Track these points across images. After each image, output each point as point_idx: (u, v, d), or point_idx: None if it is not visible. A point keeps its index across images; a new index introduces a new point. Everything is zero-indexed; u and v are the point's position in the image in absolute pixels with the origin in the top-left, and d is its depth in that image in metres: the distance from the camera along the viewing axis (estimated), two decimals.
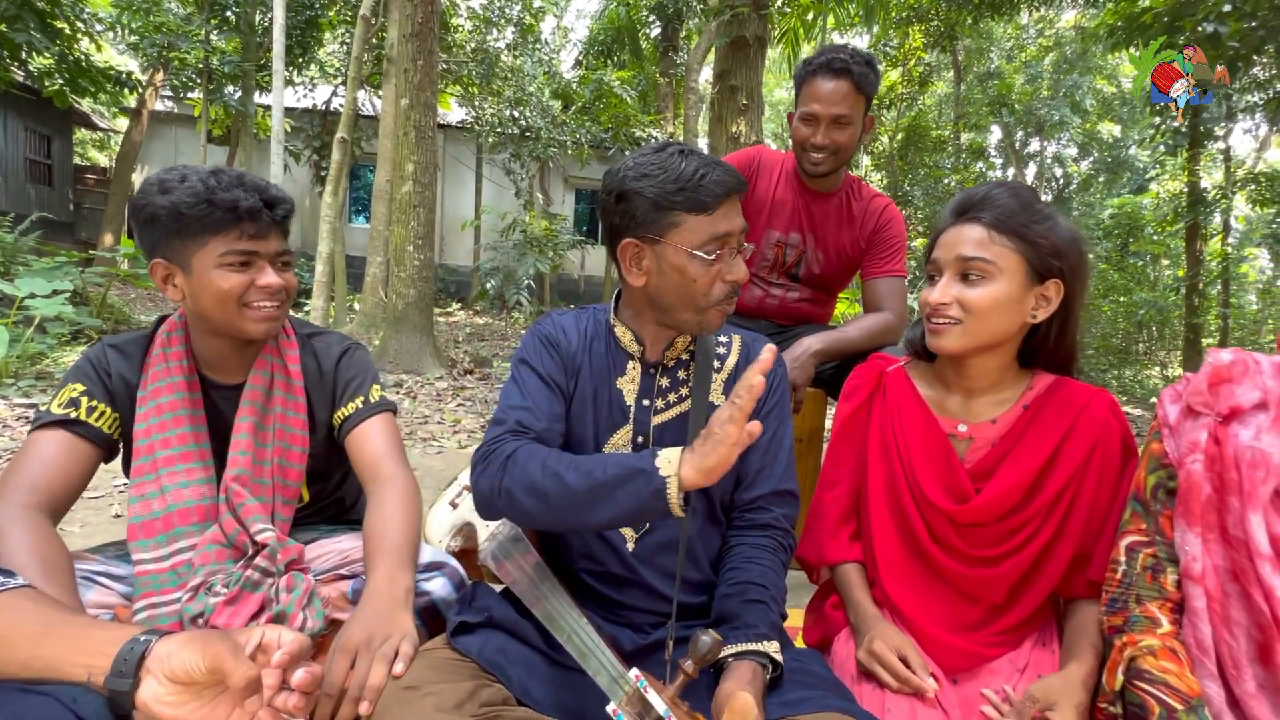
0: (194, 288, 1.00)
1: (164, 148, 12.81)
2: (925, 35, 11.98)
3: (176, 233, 0.98)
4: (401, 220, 5.69)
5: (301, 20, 9.93)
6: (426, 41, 5.50)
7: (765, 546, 0.98)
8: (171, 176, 0.99)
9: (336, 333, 1.22)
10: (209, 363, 1.10)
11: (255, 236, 0.99)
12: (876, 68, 1.58)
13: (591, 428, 1.00)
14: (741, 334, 1.09)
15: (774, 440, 1.02)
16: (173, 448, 1.03)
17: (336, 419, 1.14)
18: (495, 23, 10.79)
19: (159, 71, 11.35)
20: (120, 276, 6.26)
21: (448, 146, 12.03)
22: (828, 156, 1.60)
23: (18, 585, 0.67)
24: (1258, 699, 0.74)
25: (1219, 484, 0.78)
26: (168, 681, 0.59)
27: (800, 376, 1.57)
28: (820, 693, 0.83)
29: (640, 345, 1.02)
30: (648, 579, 0.97)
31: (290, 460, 1.10)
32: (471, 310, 11.26)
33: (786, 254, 1.75)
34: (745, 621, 0.88)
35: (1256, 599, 0.74)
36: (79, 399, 1.02)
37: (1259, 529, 0.74)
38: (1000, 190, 0.97)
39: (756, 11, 4.51)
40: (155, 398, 1.04)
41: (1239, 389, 0.80)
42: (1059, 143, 18.61)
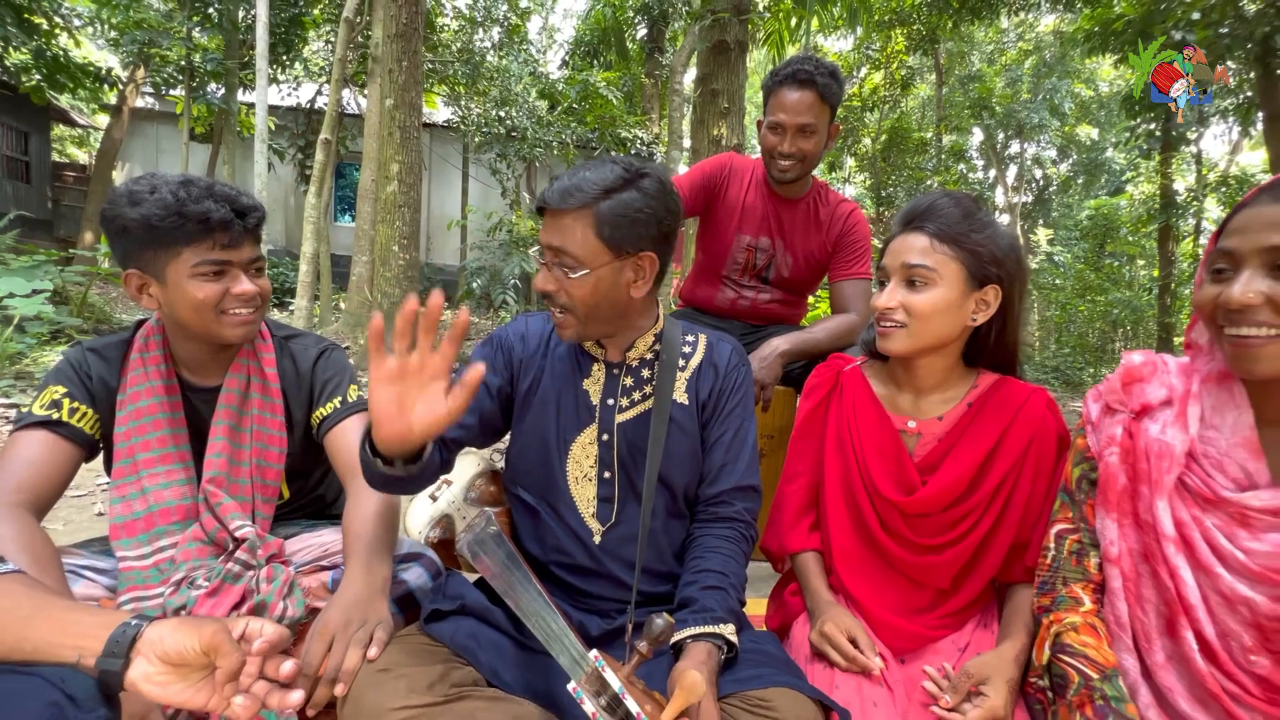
0: (170, 297, 1.03)
1: (145, 145, 12.64)
2: (907, 39, 12.15)
3: (149, 244, 1.00)
4: (387, 220, 5.70)
5: (285, 18, 9.86)
6: (411, 42, 5.51)
7: (728, 538, 1.04)
8: (141, 188, 1.00)
9: (314, 334, 1.26)
10: (187, 365, 1.12)
11: (228, 246, 1.02)
12: (840, 79, 1.65)
13: (555, 427, 1.05)
14: (707, 334, 1.14)
15: (736, 438, 1.08)
16: (152, 450, 1.06)
17: (315, 418, 1.17)
18: (481, 23, 10.78)
19: (140, 68, 11.21)
20: (101, 275, 6.20)
21: (434, 146, 12.00)
22: (794, 164, 1.67)
23: (8, 570, 0.71)
24: (1166, 669, 0.81)
25: (1132, 474, 0.85)
26: (159, 662, 0.63)
27: (769, 375, 1.63)
28: (772, 670, 0.89)
29: (602, 348, 1.07)
30: (612, 569, 1.03)
31: (268, 460, 1.13)
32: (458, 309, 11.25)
33: (757, 258, 1.81)
34: (703, 606, 0.93)
35: (1163, 577, 0.81)
36: (61, 400, 1.04)
37: (1165, 514, 0.81)
38: (945, 200, 1.03)
39: (737, 17, 4.57)
40: (134, 401, 1.07)
41: (1149, 387, 0.87)
42: (1039, 145, 18.91)
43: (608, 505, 1.04)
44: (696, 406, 1.07)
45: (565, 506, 1.04)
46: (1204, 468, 0.80)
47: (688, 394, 1.07)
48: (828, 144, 1.69)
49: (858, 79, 15.04)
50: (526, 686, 0.91)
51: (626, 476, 1.04)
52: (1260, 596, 0.74)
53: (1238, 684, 0.76)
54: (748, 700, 0.83)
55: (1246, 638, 0.76)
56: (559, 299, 0.97)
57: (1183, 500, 0.81)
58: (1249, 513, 0.76)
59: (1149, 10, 6.47)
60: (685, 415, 1.06)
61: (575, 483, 1.04)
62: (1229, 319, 0.76)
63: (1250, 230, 0.74)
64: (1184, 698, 0.79)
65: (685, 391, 1.07)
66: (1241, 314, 0.74)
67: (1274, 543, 0.74)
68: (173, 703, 0.64)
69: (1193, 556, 0.79)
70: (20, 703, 0.61)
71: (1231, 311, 0.75)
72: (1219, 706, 0.77)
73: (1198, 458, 0.81)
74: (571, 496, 1.04)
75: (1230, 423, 0.81)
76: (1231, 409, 0.81)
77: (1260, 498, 0.75)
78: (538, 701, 0.88)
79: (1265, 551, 0.74)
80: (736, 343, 1.15)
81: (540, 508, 1.06)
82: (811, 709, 0.83)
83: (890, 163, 15.09)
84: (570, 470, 1.05)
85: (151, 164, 12.70)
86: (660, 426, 1.02)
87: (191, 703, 0.64)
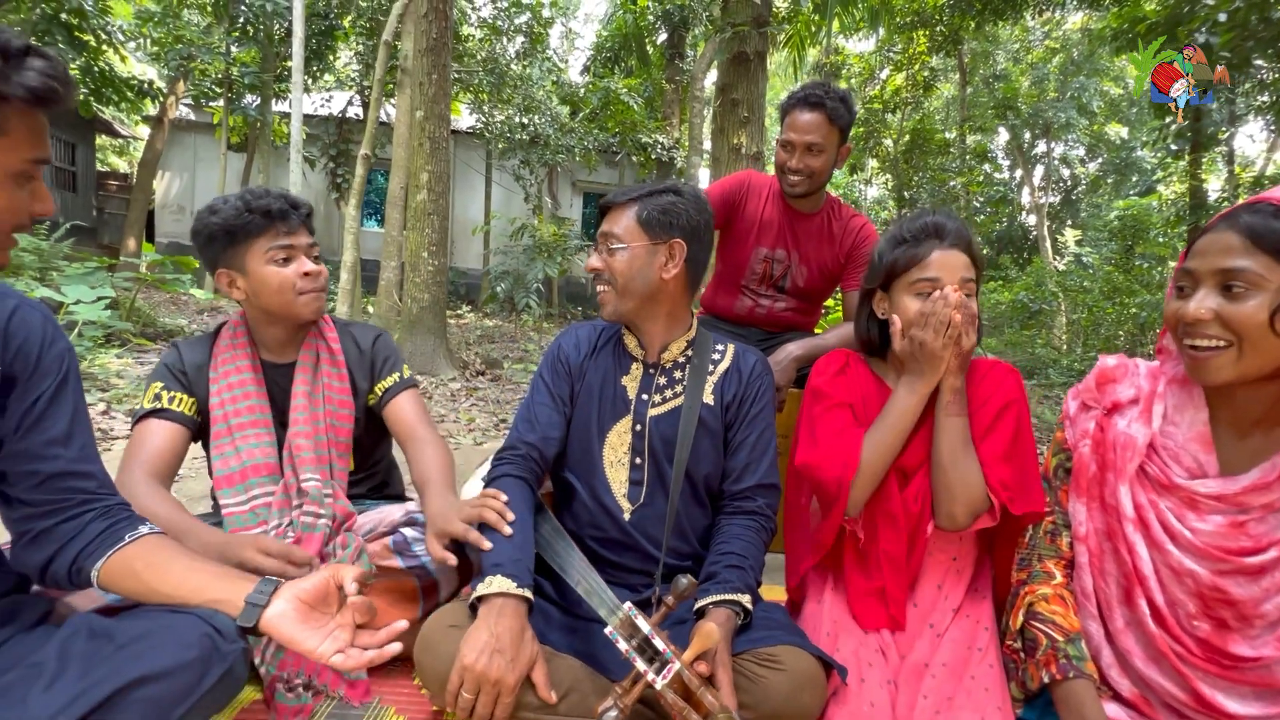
0: (253, 285, 1.26)
1: (184, 154, 13.12)
2: (930, 40, 12.10)
3: (229, 244, 1.24)
4: (416, 227, 5.91)
5: (318, 30, 10.22)
6: (440, 56, 5.73)
7: (749, 527, 1.17)
8: (215, 202, 1.25)
9: (365, 323, 1.48)
10: (267, 347, 1.35)
11: (289, 233, 1.26)
12: (851, 105, 1.78)
13: (596, 415, 1.20)
14: (735, 344, 1.28)
15: (760, 440, 1.22)
16: (243, 415, 1.28)
17: (379, 389, 1.39)
18: (505, 32, 11.03)
19: (180, 81, 11.67)
20: (148, 282, 6.52)
21: (458, 152, 12.27)
22: (803, 179, 1.80)
23: (152, 531, 0.88)
24: (1125, 633, 0.93)
25: (1101, 463, 0.97)
26: (295, 600, 0.79)
27: (782, 378, 1.76)
28: (780, 632, 1.02)
29: (643, 349, 1.22)
30: (640, 543, 1.17)
31: (340, 420, 1.35)
32: (482, 313, 11.49)
33: (773, 268, 1.95)
34: (724, 579, 1.07)
35: (1123, 553, 0.92)
36: (160, 393, 1.27)
37: (1126, 497, 0.92)
38: (948, 220, 1.14)
39: (757, 29, 4.69)
40: (225, 376, 1.29)
41: (1120, 387, 0.98)
42: (1066, 144, 18.63)
43: (637, 488, 1.19)
44: (721, 407, 1.21)
45: (601, 486, 1.19)
46: (1163, 458, 0.92)
47: (714, 395, 1.21)
48: (837, 164, 1.81)
49: (879, 81, 15.03)
50: (570, 647, 1.06)
51: (655, 464, 1.19)
52: (1202, 569, 0.86)
53: (1183, 645, 0.87)
54: (758, 655, 0.97)
55: (1191, 605, 0.87)
56: (604, 275, 1.17)
57: (1142, 486, 0.92)
58: (1197, 497, 0.87)
59: (1173, 12, 6.43)
60: (710, 415, 1.20)
61: (610, 466, 1.19)
62: (1185, 331, 0.86)
63: (1207, 254, 0.84)
64: (1140, 658, 0.91)
65: (712, 393, 1.22)
66: (1194, 326, 0.84)
67: (1215, 524, 0.86)
68: (293, 642, 0.79)
69: (1148, 534, 0.90)
70: (180, 633, 0.77)
71: (1187, 324, 0.85)
72: (1169, 665, 0.88)
73: (1158, 449, 0.93)
74: (606, 478, 1.19)
75: (1188, 420, 0.92)
76: (1190, 408, 0.92)
77: (1207, 485, 0.87)
78: (580, 659, 1.03)
79: (1208, 531, 0.86)
80: (760, 354, 1.28)
81: (580, 487, 1.21)
82: (813, 663, 0.96)
83: (912, 164, 15.03)
84: (606, 455, 1.19)
85: (190, 173, 13.18)
86: (689, 423, 1.17)
87: (306, 644, 0.79)
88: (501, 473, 1.13)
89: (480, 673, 0.86)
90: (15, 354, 0.81)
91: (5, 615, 0.84)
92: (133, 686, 0.73)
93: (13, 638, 0.81)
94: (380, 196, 12.30)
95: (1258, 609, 0.84)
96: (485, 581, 0.96)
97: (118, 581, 0.83)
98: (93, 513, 0.85)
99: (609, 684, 0.97)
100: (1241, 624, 0.85)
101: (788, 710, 0.94)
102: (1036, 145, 18.36)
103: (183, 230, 13.12)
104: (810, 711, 0.95)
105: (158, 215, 13.11)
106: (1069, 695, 0.89)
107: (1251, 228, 0.80)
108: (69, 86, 0.77)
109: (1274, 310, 0.78)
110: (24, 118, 0.74)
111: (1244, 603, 0.84)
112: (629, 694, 0.86)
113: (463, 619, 0.99)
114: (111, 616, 0.82)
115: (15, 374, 0.81)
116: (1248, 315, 0.80)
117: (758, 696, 0.94)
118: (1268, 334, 0.79)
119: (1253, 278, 0.79)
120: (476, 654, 0.87)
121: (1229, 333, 0.81)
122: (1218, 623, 0.86)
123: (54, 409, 0.83)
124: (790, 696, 0.93)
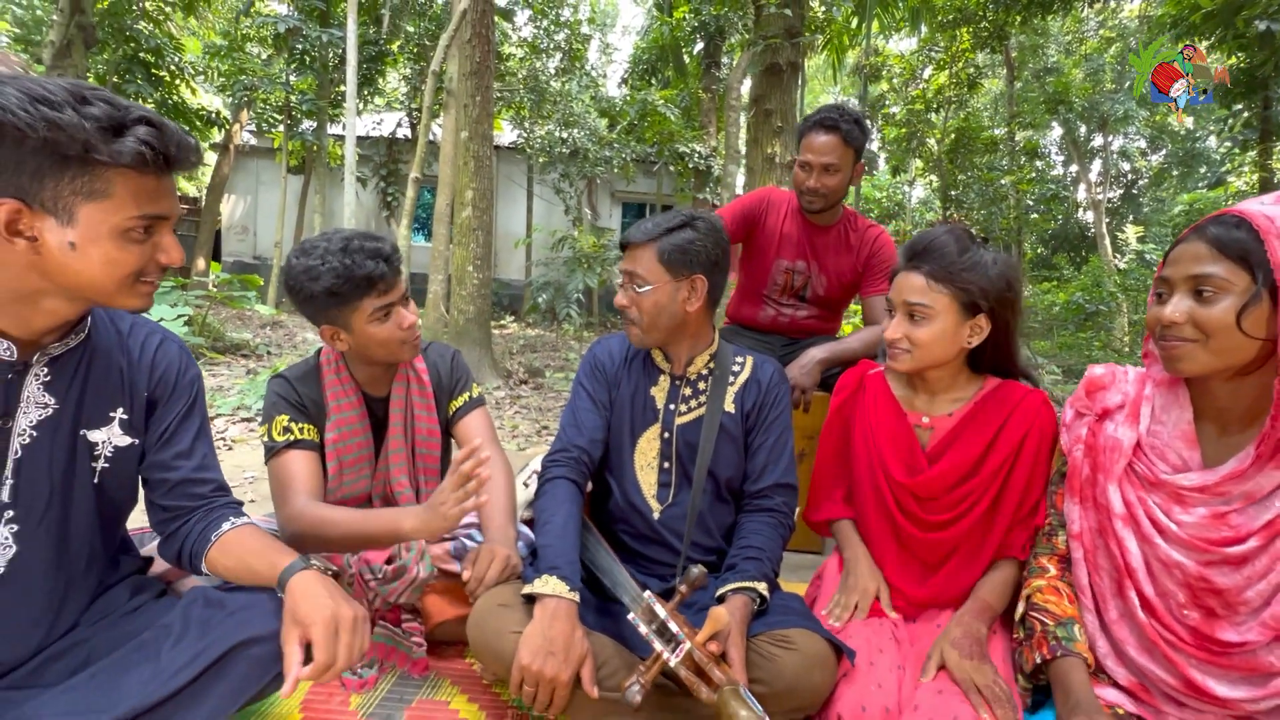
0: (359, 340, 1.32)
1: (247, 178, 13.94)
2: (973, 37, 11.84)
3: (332, 306, 1.28)
4: (462, 243, 6.19)
5: (368, 56, 10.77)
6: (484, 79, 6.00)
7: (768, 524, 1.27)
8: (314, 261, 1.25)
9: (439, 342, 1.57)
10: (364, 382, 1.44)
11: (387, 291, 1.30)
12: (865, 126, 1.87)
13: (629, 423, 1.32)
14: (754, 356, 1.39)
15: (778, 443, 1.32)
16: (353, 453, 1.40)
17: (451, 407, 1.51)
18: (545, 50, 11.35)
19: (244, 110, 12.46)
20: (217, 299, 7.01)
21: (501, 167, 12.66)
22: (819, 197, 1.90)
23: (239, 525, 1.00)
24: (1118, 624, 0.99)
25: (1093, 466, 1.03)
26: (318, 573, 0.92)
27: (808, 381, 1.84)
28: (794, 617, 1.12)
29: (669, 362, 1.34)
30: (668, 539, 1.29)
31: (429, 449, 1.47)
32: (524, 323, 11.81)
33: (794, 279, 2.04)
34: (742, 569, 1.18)
35: (1114, 549, 0.98)
36: (290, 425, 1.35)
37: (1115, 496, 0.99)
38: (944, 237, 1.19)
39: (789, 40, 4.77)
40: (338, 411, 1.39)
41: (1108, 394, 1.04)
42: (1125, 137, 17.85)
43: (665, 489, 1.30)
44: (741, 415, 1.32)
45: (632, 488, 1.31)
46: (1150, 456, 0.98)
47: (734, 404, 1.32)
48: (852, 181, 1.90)
49: (922, 80, 14.76)
50: (603, 627, 1.18)
51: (681, 467, 1.30)
52: (1189, 561, 0.91)
53: (1174, 634, 0.93)
54: (773, 637, 1.07)
55: (1180, 596, 0.93)
56: (630, 313, 1.27)
57: (1131, 483, 0.98)
58: (1182, 491, 0.93)
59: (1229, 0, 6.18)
60: (731, 422, 1.31)
61: (640, 470, 1.31)
62: (1162, 333, 0.93)
63: (1180, 262, 0.91)
64: (1133, 647, 0.97)
65: (733, 402, 1.32)
66: (1170, 329, 0.91)
67: (1199, 516, 0.91)
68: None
69: (1138, 530, 0.96)
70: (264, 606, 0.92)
71: (1164, 327, 0.92)
72: (1160, 653, 0.94)
73: (1145, 448, 0.99)
74: (637, 480, 1.31)
75: (1174, 418, 0.98)
76: (1175, 407, 0.98)
77: (1190, 478, 0.92)
78: (611, 638, 1.15)
79: (1193, 523, 0.92)
80: (778, 364, 1.38)
81: (614, 487, 1.33)
82: (824, 645, 1.05)
83: (958, 164, 14.68)
84: (637, 459, 1.31)
85: (253, 195, 13.99)
86: (711, 430, 1.28)
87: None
88: (555, 474, 1.25)
89: (537, 672, 0.99)
90: (158, 382, 0.98)
91: (137, 588, 1.02)
92: (243, 646, 0.88)
93: (144, 605, 0.99)
94: (428, 212, 12.80)
95: (1241, 596, 0.89)
96: (541, 579, 1.07)
97: (215, 568, 0.99)
98: (200, 513, 1.01)
99: (636, 660, 1.09)
100: (1228, 611, 0.90)
101: (799, 687, 1.03)
102: (1093, 139, 17.65)
103: (246, 249, 13.95)
104: (820, 689, 1.04)
105: (224, 235, 13.96)
106: (1058, 672, 0.96)
107: (1217, 238, 0.87)
108: (182, 149, 0.81)
109: (1239, 311, 0.85)
110: (127, 180, 0.78)
111: (1229, 591, 0.89)
112: (650, 671, 0.97)
113: (511, 599, 1.12)
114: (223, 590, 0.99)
115: (157, 398, 0.98)
116: (1217, 317, 0.87)
117: (771, 674, 1.03)
118: (1235, 332, 0.86)
119: (1220, 282, 0.86)
120: (533, 656, 0.99)
121: (1200, 333, 0.88)
122: (1206, 611, 0.91)
123: (183, 427, 1.00)
124: (802, 675, 1.03)
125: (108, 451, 0.94)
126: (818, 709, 1.06)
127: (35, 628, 0.90)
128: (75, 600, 0.95)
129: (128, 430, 0.95)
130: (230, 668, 0.88)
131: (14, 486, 0.86)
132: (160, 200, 0.82)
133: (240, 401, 4.01)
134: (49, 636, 0.91)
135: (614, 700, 1.03)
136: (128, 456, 0.96)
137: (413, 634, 1.32)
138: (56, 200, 0.76)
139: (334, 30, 9.85)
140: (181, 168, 0.83)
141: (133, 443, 0.96)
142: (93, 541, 0.96)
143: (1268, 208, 0.85)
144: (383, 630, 1.31)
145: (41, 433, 0.88)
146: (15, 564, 0.86)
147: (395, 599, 1.30)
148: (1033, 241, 17.43)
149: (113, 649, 0.90)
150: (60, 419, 0.89)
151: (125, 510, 1.02)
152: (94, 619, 0.96)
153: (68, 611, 0.94)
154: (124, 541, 1.07)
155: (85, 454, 0.92)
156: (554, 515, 1.16)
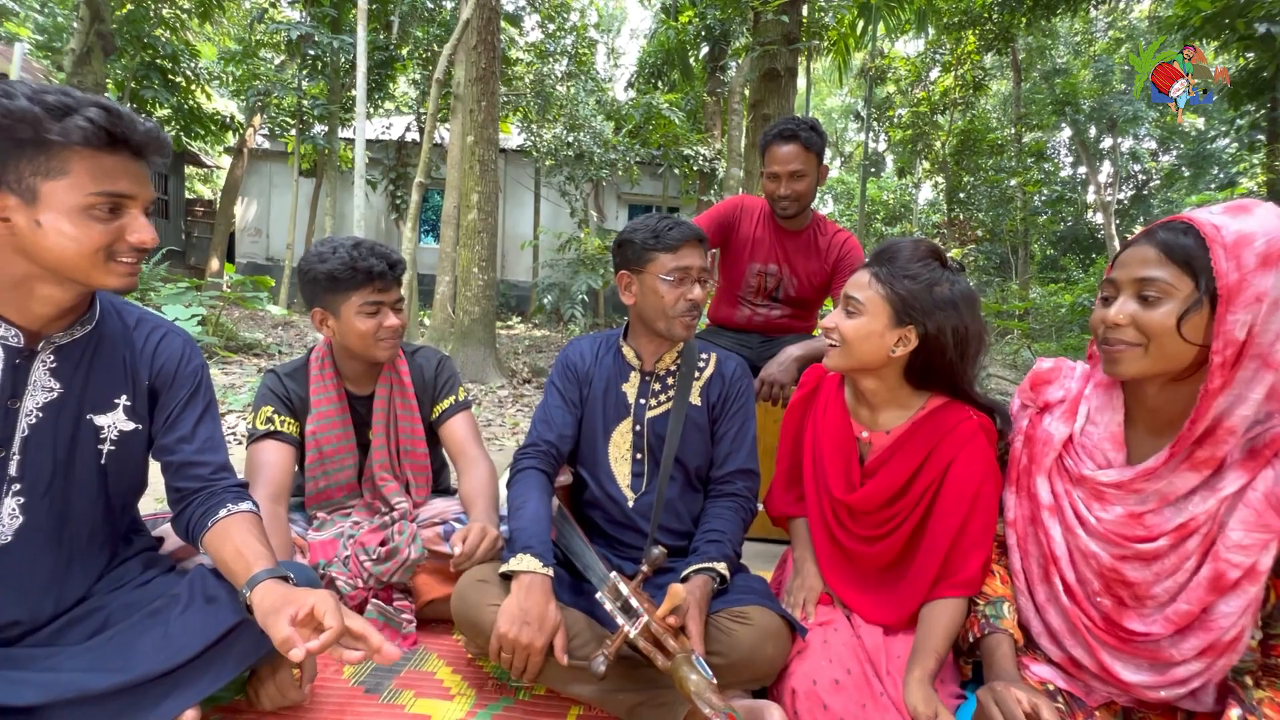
0: (342, 329, 1.44)
1: (260, 182, 14.17)
2: (980, 38, 11.84)
3: (330, 290, 1.42)
4: (467, 244, 6.30)
5: (378, 61, 10.94)
6: (489, 84, 6.11)
7: (730, 508, 1.36)
8: (326, 249, 1.43)
9: (430, 347, 1.67)
10: (349, 379, 1.55)
11: (382, 290, 1.43)
12: (821, 131, 1.99)
13: (601, 418, 1.41)
14: (717, 352, 1.47)
15: (740, 432, 1.40)
16: (333, 444, 1.50)
17: (437, 410, 1.60)
18: (551, 54, 11.48)
19: (257, 114, 12.68)
20: (230, 299, 7.18)
21: (508, 170, 12.80)
22: (791, 203, 2.01)
23: (236, 513, 1.06)
24: (1046, 607, 1.06)
25: (1029, 456, 1.10)
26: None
27: (784, 377, 1.93)
28: (753, 596, 1.20)
29: (639, 359, 1.43)
30: (641, 526, 1.38)
31: (415, 446, 1.56)
32: (530, 323, 11.94)
33: (767, 280, 2.15)
34: (704, 551, 1.26)
35: (1041, 537, 1.06)
36: (273, 417, 1.46)
37: (1044, 487, 1.06)
38: (907, 248, 1.18)
39: (787, 46, 4.84)
40: (318, 406, 1.50)
41: (1051, 388, 1.11)
42: (1135, 138, 17.73)
43: (639, 479, 1.39)
44: (707, 406, 1.41)
45: (607, 478, 1.40)
46: (1079, 453, 1.04)
47: (701, 398, 1.41)
48: (819, 182, 2.00)
49: (927, 83, 14.76)
50: (577, 605, 1.27)
51: (653, 458, 1.39)
52: (1104, 553, 0.98)
53: (1090, 619, 1.00)
54: (731, 614, 1.16)
55: (1095, 584, 1.00)
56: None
57: (1060, 477, 1.05)
58: (1101, 487, 0.99)
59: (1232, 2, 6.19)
60: (698, 414, 1.40)
61: (614, 461, 1.40)
62: (1105, 335, 0.95)
63: (1127, 265, 0.93)
64: (1059, 629, 1.04)
65: (699, 396, 1.41)
66: (1113, 330, 0.93)
67: (1117, 514, 0.98)
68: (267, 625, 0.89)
69: (1063, 520, 1.04)
70: None
71: (1108, 328, 0.94)
72: (1080, 636, 1.01)
73: (1076, 445, 1.05)
74: (612, 471, 1.40)
75: (1106, 420, 1.04)
76: (1109, 410, 1.04)
77: (1108, 475, 0.99)
78: (583, 614, 1.24)
79: (1110, 519, 0.98)
80: (741, 360, 1.47)
81: (590, 479, 1.42)
82: (778, 621, 1.14)
83: (964, 165, 14.67)
84: (611, 452, 1.40)
85: (266, 198, 14.22)
86: (678, 421, 1.37)
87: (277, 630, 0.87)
88: (526, 465, 1.35)
89: (514, 640, 1.08)
90: (158, 372, 1.08)
91: (150, 562, 1.13)
92: (248, 622, 0.97)
93: (156, 577, 1.09)
94: (436, 214, 12.96)
95: (1149, 591, 0.95)
96: (516, 558, 1.16)
97: (210, 552, 1.05)
98: (202, 495, 1.08)
99: (606, 635, 1.18)
100: (1136, 603, 0.97)
101: (755, 659, 1.11)
102: (1102, 140, 17.55)
103: (260, 251, 14.18)
104: (775, 661, 1.12)
105: (237, 237, 14.20)
106: (986, 648, 1.04)
107: (1164, 242, 0.90)
108: (140, 133, 0.85)
109: (1180, 316, 0.88)
110: (84, 159, 0.82)
111: (1138, 584, 0.96)
112: (614, 644, 1.06)
113: (490, 575, 1.21)
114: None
115: (158, 388, 1.08)
116: (1159, 320, 0.89)
117: (729, 646, 1.12)
118: (1175, 337, 0.88)
119: (1164, 286, 0.89)
120: (510, 625, 1.08)
121: (1142, 336, 0.91)
122: (1117, 600, 0.98)
123: (185, 413, 1.09)
124: (756, 647, 1.11)
125: (113, 435, 1.02)
126: (773, 680, 1.15)
127: (45, 593, 0.99)
128: (81, 570, 1.03)
129: (131, 416, 1.04)
130: (236, 640, 0.98)
131: (20, 462, 0.94)
132: (119, 180, 0.85)
133: (251, 399, 4.15)
134: (61, 602, 1.00)
135: (582, 669, 1.12)
136: (133, 441, 1.04)
137: (403, 611, 1.41)
138: (20, 181, 0.81)
139: (345, 36, 10.02)
140: (146, 152, 0.88)
141: (136, 428, 1.04)
142: (94, 518, 1.03)
143: (1216, 217, 0.87)
144: (375, 607, 1.40)
145: (47, 414, 0.96)
146: (21, 533, 0.95)
147: (388, 579, 1.39)
148: (1041, 244, 17.36)
149: (127, 615, 1.00)
150: (65, 402, 0.97)
151: (134, 491, 1.10)
152: (109, 588, 1.06)
153: (74, 579, 1.02)
154: (135, 521, 1.16)
155: (90, 436, 1.00)
156: (526, 501, 1.25)
